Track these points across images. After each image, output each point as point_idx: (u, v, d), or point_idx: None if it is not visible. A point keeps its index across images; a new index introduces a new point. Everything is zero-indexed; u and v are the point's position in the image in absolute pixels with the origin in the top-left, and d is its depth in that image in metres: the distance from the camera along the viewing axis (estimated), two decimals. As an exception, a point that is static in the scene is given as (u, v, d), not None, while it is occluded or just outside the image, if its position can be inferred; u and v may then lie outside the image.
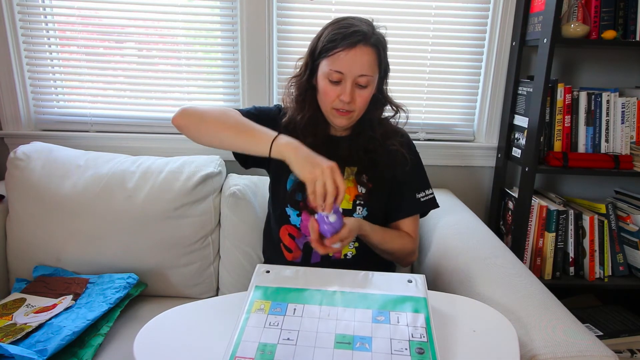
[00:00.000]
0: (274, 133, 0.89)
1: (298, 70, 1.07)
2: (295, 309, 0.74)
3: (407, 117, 1.12)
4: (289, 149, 0.86)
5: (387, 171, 1.09)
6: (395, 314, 0.73)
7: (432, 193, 1.15)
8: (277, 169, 1.11)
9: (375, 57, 0.99)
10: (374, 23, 1.02)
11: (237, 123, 0.93)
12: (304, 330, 0.69)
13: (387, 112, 1.13)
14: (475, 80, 1.60)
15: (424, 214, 1.20)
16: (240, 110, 1.06)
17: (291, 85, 1.08)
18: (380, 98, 1.09)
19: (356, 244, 1.10)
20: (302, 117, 1.05)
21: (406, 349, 0.66)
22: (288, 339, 0.67)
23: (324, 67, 0.99)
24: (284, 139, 0.88)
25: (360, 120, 1.08)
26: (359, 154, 1.07)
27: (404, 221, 1.12)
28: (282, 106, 1.13)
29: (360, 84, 0.98)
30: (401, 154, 1.09)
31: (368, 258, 1.10)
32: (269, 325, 0.70)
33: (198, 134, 0.96)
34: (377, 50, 0.99)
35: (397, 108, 1.11)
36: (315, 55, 1.02)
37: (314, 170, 0.82)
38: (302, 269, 0.85)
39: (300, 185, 1.03)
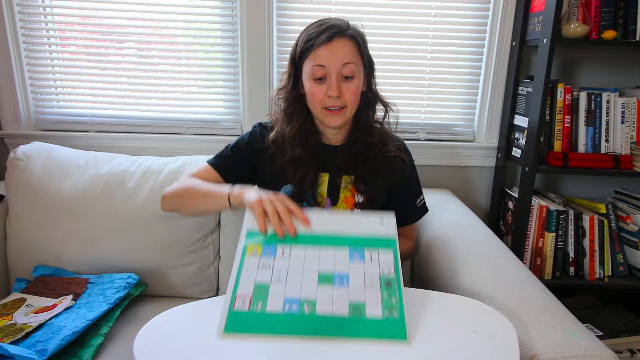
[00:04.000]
0: (226, 190, 0.95)
1: (282, 82, 1.07)
2: (283, 252, 0.82)
3: (397, 117, 1.11)
4: (239, 196, 0.93)
5: (387, 178, 1.08)
6: (369, 252, 0.82)
7: (424, 198, 1.17)
8: (266, 186, 1.10)
9: (355, 47, 0.99)
10: (350, 22, 1.02)
11: (198, 194, 1.01)
12: (292, 270, 0.78)
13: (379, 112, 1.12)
14: (475, 80, 1.60)
15: None
16: (214, 159, 1.12)
17: (279, 98, 1.07)
18: (370, 97, 1.08)
19: None
20: (290, 128, 1.04)
21: (377, 283, 0.77)
22: (279, 278, 0.77)
23: (306, 68, 0.99)
24: (235, 191, 0.95)
25: (356, 125, 1.07)
26: (357, 161, 1.06)
27: (404, 228, 1.14)
28: (268, 122, 1.12)
29: (345, 75, 0.98)
30: (400, 158, 1.09)
31: None
32: (262, 267, 0.79)
33: (182, 212, 1.09)
34: (355, 41, 0.99)
35: (386, 106, 1.09)
36: (296, 61, 1.02)
37: (258, 198, 0.87)
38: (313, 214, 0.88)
39: (292, 197, 1.02)
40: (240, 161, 1.10)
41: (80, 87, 1.57)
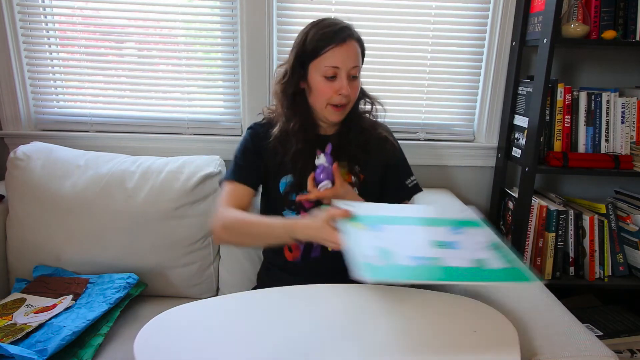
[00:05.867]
0: (287, 229, 0.94)
1: (283, 76, 1.08)
2: (390, 228, 0.85)
3: (385, 110, 1.17)
4: (302, 232, 0.92)
5: (380, 158, 1.14)
6: (466, 228, 0.87)
7: (415, 178, 1.22)
8: (267, 177, 1.13)
9: (359, 49, 1.06)
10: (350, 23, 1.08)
11: (259, 234, 1.01)
12: (405, 240, 0.81)
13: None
14: (475, 80, 1.60)
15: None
16: (232, 174, 1.10)
17: (281, 92, 1.09)
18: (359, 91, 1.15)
19: None
20: (294, 123, 1.08)
21: (486, 247, 0.81)
22: (396, 244, 0.79)
23: (317, 66, 1.03)
24: (299, 228, 0.93)
25: (347, 116, 1.12)
26: (350, 147, 1.11)
27: None
28: (263, 119, 1.17)
29: (352, 74, 1.05)
30: (390, 140, 1.17)
31: None
32: (375, 237, 0.81)
33: (239, 247, 1.14)
34: (360, 43, 1.07)
35: (372, 101, 1.16)
36: (303, 59, 1.05)
37: (317, 233, 0.89)
38: (374, 205, 0.98)
39: (292, 186, 1.09)
40: (255, 162, 1.12)
41: (80, 87, 1.57)
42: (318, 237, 0.89)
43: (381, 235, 0.82)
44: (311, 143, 1.08)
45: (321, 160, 1.04)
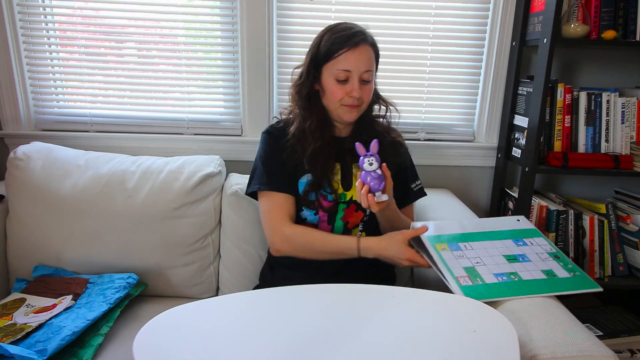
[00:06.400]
0: (353, 244, 1.04)
1: (299, 78, 1.12)
2: (465, 246, 0.99)
3: (399, 116, 1.19)
4: (376, 252, 1.03)
5: (394, 161, 1.15)
6: (527, 239, 1.03)
7: (421, 182, 1.24)
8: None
9: (373, 54, 1.09)
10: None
11: (325, 252, 1.07)
12: (483, 257, 0.96)
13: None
14: (475, 80, 1.60)
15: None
16: (266, 183, 1.10)
17: (296, 94, 1.12)
18: (374, 95, 1.16)
19: (363, 234, 1.15)
20: (310, 122, 1.10)
21: (548, 257, 0.97)
22: (478, 262, 0.94)
23: (331, 69, 1.05)
24: (372, 248, 1.03)
25: (360, 119, 1.14)
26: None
27: (403, 209, 1.20)
28: (278, 120, 1.18)
29: (364, 79, 1.06)
30: (404, 145, 1.21)
31: None
32: (458, 257, 0.95)
33: (298, 257, 1.10)
34: (374, 48, 1.09)
35: (387, 103, 1.18)
36: (317, 61, 1.07)
37: (399, 261, 1.01)
38: (440, 223, 1.07)
39: (312, 186, 1.10)
40: (283, 167, 1.12)
41: (80, 87, 1.57)
42: (393, 257, 1.00)
43: (462, 254, 0.96)
44: (328, 143, 1.10)
45: (374, 166, 0.98)
